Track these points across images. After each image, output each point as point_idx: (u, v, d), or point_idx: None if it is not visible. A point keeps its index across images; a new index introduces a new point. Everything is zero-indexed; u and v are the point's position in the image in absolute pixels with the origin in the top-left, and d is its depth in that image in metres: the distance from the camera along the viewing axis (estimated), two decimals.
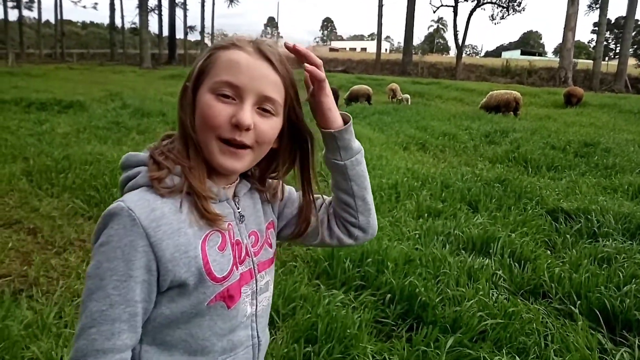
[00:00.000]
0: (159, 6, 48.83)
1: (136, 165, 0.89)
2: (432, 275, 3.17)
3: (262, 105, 0.87)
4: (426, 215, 4.77)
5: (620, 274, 3.23)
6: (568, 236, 4.14)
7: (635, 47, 35.60)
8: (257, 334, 1.00)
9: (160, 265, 0.82)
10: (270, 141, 0.92)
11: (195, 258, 0.84)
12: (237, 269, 0.92)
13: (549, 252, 3.88)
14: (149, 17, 43.22)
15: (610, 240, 3.93)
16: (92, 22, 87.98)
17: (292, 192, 1.10)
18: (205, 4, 47.20)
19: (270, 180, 1.04)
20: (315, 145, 1.00)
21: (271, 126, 0.90)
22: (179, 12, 46.99)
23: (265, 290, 1.01)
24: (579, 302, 2.98)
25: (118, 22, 51.18)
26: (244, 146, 0.87)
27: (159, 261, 0.81)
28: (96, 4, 52.45)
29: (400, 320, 2.81)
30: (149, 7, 42.54)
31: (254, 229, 0.99)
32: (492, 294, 2.99)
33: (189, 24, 48.50)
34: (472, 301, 2.80)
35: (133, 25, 47.44)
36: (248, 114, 0.84)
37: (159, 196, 0.84)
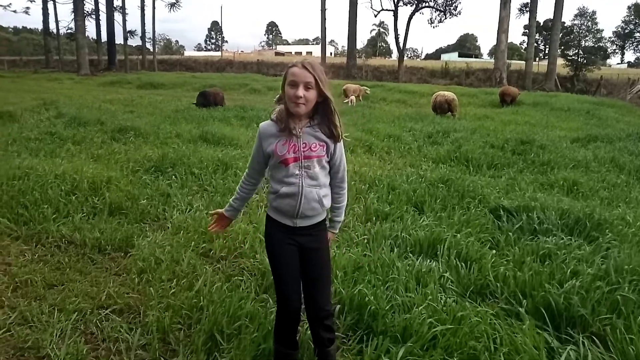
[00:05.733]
0: (97, 11, 46.49)
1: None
2: (381, 281, 3.12)
3: (306, 86, 2.03)
4: (374, 218, 4.76)
5: (562, 271, 3.32)
6: (510, 234, 4.23)
7: (562, 48, 37.67)
8: (301, 182, 2.14)
9: (263, 146, 2.17)
10: (312, 100, 2.08)
11: (273, 146, 2.12)
12: (289, 153, 2.11)
13: (493, 250, 3.93)
14: (87, 22, 41.27)
15: (551, 237, 4.06)
16: (24, 28, 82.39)
17: (341, 148, 2.27)
18: (145, 8, 45.61)
19: (330, 130, 2.16)
20: (332, 102, 2.14)
21: (311, 93, 2.06)
22: (118, 16, 44.87)
23: (308, 169, 2.15)
24: (524, 300, 3.02)
25: (53, 27, 48.27)
26: (301, 103, 2.04)
27: (262, 145, 2.17)
28: (28, 8, 48.58)
29: (351, 331, 2.74)
30: (85, 12, 40.60)
31: (307, 142, 2.13)
32: (441, 298, 2.98)
33: (128, 28, 46.06)
34: (421, 307, 2.77)
35: (69, 31, 44.83)
36: (301, 92, 2.02)
37: (272, 122, 2.17)
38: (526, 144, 9.15)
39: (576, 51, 38.67)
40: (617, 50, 63.76)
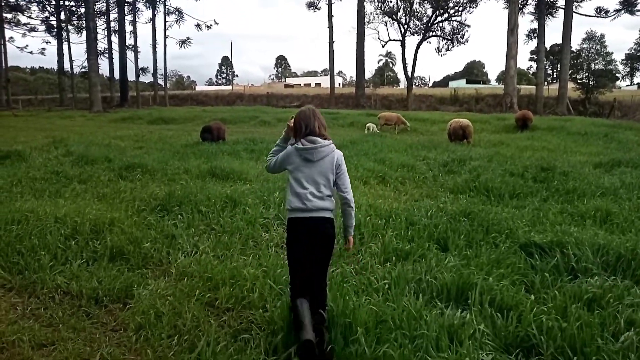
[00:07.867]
0: (109, 50, 47.64)
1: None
2: (408, 338, 2.75)
3: None
4: (393, 258, 4.40)
5: (616, 321, 2.90)
6: (547, 274, 3.83)
7: (571, 71, 37.41)
8: None
9: None
10: None
11: None
12: None
13: (531, 296, 3.51)
14: (100, 61, 42.13)
15: (594, 279, 3.64)
16: (41, 68, 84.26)
17: None
18: (157, 46, 46.46)
19: None
20: None
21: None
22: (130, 54, 45.83)
23: None
24: (574, 358, 2.62)
25: (67, 66, 49.40)
26: None
27: None
28: (44, 49, 49.95)
29: None
30: (98, 51, 41.50)
31: None
32: (480, 358, 2.59)
33: (141, 65, 46.94)
34: None
35: (83, 70, 45.93)
36: None
37: None
38: (547, 170, 8.76)
39: (586, 74, 38.40)
40: (629, 72, 63.28)
